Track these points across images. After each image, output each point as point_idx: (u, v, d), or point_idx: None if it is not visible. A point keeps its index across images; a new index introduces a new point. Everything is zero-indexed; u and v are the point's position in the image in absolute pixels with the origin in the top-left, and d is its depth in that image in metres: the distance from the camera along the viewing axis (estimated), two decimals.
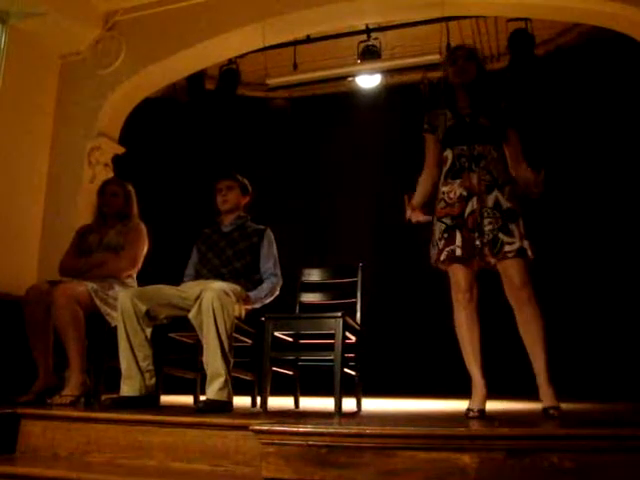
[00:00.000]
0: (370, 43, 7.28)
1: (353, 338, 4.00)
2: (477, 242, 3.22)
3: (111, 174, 5.94)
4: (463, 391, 3.48)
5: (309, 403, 4.71)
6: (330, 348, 3.64)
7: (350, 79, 8.04)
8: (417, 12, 6.11)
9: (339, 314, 3.63)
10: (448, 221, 3.33)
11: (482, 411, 3.19)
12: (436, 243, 3.38)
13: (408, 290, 7.61)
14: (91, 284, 4.03)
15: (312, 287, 4.53)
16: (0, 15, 5.43)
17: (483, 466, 2.11)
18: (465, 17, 6.91)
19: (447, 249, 3.30)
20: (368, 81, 7.94)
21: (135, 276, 4.44)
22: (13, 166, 5.59)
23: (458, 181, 3.36)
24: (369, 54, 7.27)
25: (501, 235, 3.21)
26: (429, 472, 2.15)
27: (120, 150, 6.21)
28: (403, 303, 7.61)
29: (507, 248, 3.20)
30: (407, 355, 7.32)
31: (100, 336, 4.09)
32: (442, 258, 3.32)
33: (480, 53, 3.79)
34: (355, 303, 4.24)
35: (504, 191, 3.31)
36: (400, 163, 7.98)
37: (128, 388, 3.60)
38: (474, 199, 3.29)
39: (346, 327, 3.68)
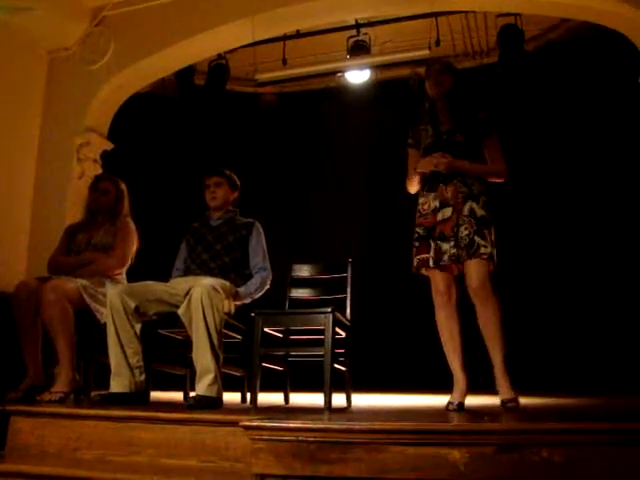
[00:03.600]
0: (360, 38, 7.26)
1: (343, 334, 4.01)
2: (453, 250, 3.36)
3: (100, 170, 5.92)
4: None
5: (299, 399, 4.71)
6: (320, 344, 3.65)
7: (340, 74, 8.03)
8: (406, 7, 6.11)
9: (329, 310, 3.64)
10: (421, 231, 3.52)
11: (461, 404, 3.31)
12: (412, 252, 3.56)
13: (398, 286, 7.59)
14: (80, 280, 4.02)
15: (302, 283, 4.53)
16: None
17: (473, 461, 2.11)
18: (454, 12, 6.92)
19: (418, 257, 3.50)
20: (358, 76, 7.92)
21: (125, 273, 4.42)
22: (1, 162, 5.56)
23: (433, 194, 3.51)
24: (359, 49, 7.25)
25: (477, 238, 3.36)
26: (419, 467, 2.15)
27: (109, 146, 6.18)
28: (393, 299, 7.61)
29: (482, 250, 3.35)
30: (397, 350, 7.33)
31: (89, 333, 4.08)
32: (415, 265, 3.52)
33: (470, 49, 3.82)
34: (345, 299, 4.25)
35: (479, 201, 3.45)
36: (390, 158, 8.00)
37: (117, 384, 3.59)
38: (447, 209, 3.43)
39: (336, 323, 3.69)
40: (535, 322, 6.80)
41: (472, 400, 3.43)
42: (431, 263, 3.41)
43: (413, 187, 3.69)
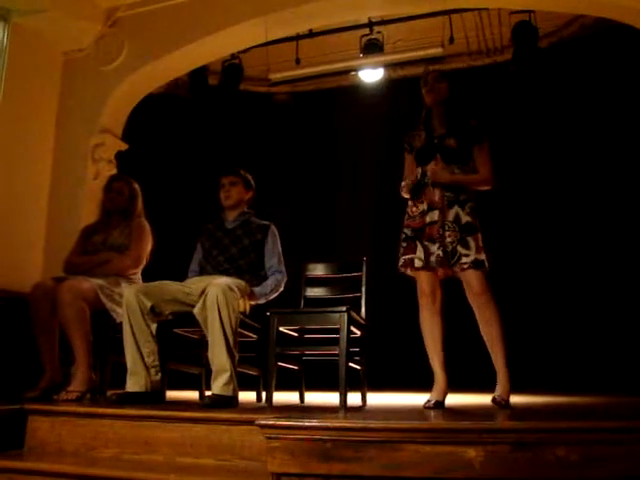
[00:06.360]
0: (373, 37, 7.25)
1: (358, 332, 4.01)
2: (439, 252, 3.44)
3: (115, 171, 5.94)
4: (466, 384, 3.53)
5: (314, 398, 4.72)
6: (335, 343, 3.66)
7: (353, 73, 8.03)
8: (420, 5, 6.09)
9: (344, 308, 3.64)
10: (408, 232, 3.63)
11: (440, 403, 3.45)
12: (398, 252, 3.67)
13: (413, 285, 7.58)
14: (97, 280, 4.04)
15: (317, 282, 4.54)
16: (2, 12, 5.43)
17: (489, 459, 2.11)
18: (468, 10, 6.90)
19: (404, 257, 3.62)
20: (371, 75, 7.90)
21: (140, 273, 4.44)
22: (17, 163, 5.58)
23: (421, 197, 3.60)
24: (372, 48, 7.24)
25: (459, 248, 3.44)
26: (435, 466, 2.14)
27: (123, 146, 6.21)
28: (408, 297, 7.56)
29: (463, 260, 3.44)
30: (411, 349, 7.26)
31: (106, 332, 4.10)
32: (400, 264, 3.64)
33: (483, 46, 3.85)
34: (360, 297, 4.25)
35: (465, 207, 3.53)
36: (403, 157, 8.00)
37: (133, 384, 3.61)
38: (435, 212, 3.51)
39: (351, 321, 3.69)
40: (540, 322, 6.78)
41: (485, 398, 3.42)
42: (417, 263, 3.53)
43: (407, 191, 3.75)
